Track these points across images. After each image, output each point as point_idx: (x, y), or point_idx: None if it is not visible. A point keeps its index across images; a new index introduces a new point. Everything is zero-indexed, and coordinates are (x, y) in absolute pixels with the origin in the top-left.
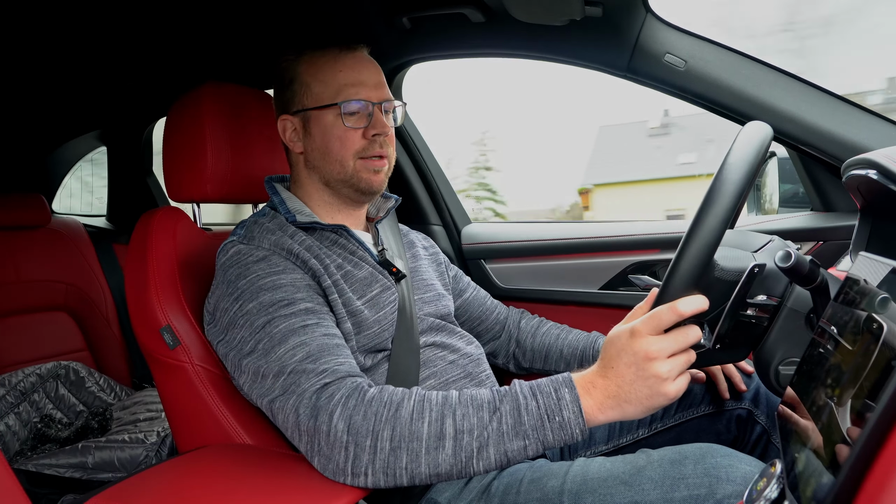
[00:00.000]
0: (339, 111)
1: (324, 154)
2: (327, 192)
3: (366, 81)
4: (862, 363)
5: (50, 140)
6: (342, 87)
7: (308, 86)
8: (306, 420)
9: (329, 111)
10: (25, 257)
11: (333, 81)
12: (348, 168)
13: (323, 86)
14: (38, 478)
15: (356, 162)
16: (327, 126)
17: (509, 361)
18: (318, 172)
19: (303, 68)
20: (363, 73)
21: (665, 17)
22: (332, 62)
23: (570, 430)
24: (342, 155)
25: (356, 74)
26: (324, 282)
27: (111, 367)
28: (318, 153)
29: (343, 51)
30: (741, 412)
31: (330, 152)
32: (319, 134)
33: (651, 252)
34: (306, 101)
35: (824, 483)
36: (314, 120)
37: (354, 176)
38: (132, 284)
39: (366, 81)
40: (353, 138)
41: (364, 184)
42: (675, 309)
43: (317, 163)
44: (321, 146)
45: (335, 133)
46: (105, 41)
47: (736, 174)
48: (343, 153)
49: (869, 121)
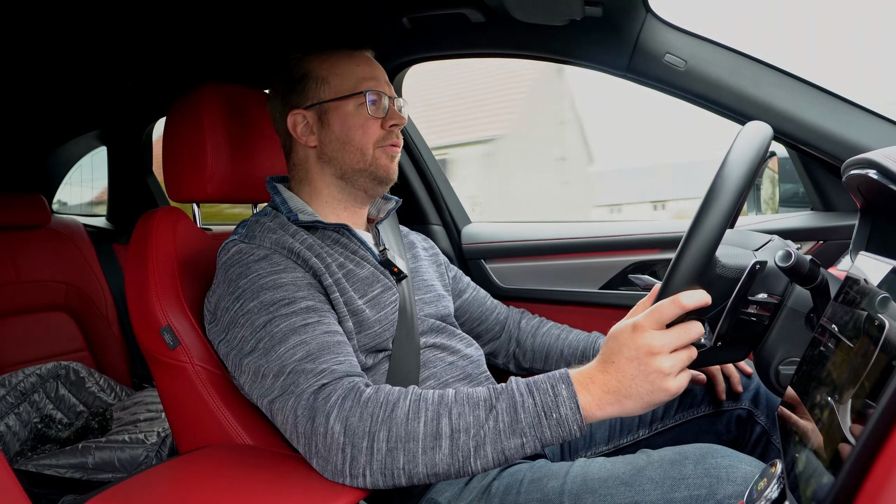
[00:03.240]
0: (361, 100)
1: (344, 143)
2: (339, 185)
3: (379, 77)
4: (862, 363)
5: (50, 140)
6: (361, 79)
7: (325, 79)
8: (304, 422)
9: (350, 101)
10: (25, 257)
11: (352, 74)
12: (368, 156)
13: (341, 78)
14: (39, 478)
15: (376, 150)
16: (348, 115)
17: (509, 361)
18: (334, 165)
19: (315, 64)
20: (376, 70)
21: (665, 17)
22: (347, 58)
23: (567, 427)
24: (363, 143)
25: (371, 70)
26: (325, 280)
27: (111, 367)
28: (337, 143)
29: (354, 49)
30: (741, 412)
31: (351, 141)
32: (339, 124)
33: (651, 252)
34: (323, 95)
35: (825, 483)
36: (333, 111)
37: (374, 164)
38: (132, 284)
39: (379, 77)
40: (374, 127)
41: (382, 171)
42: (678, 302)
43: (334, 154)
44: (341, 136)
45: (356, 122)
46: (105, 41)
47: (737, 171)
48: (364, 141)
49: (869, 121)
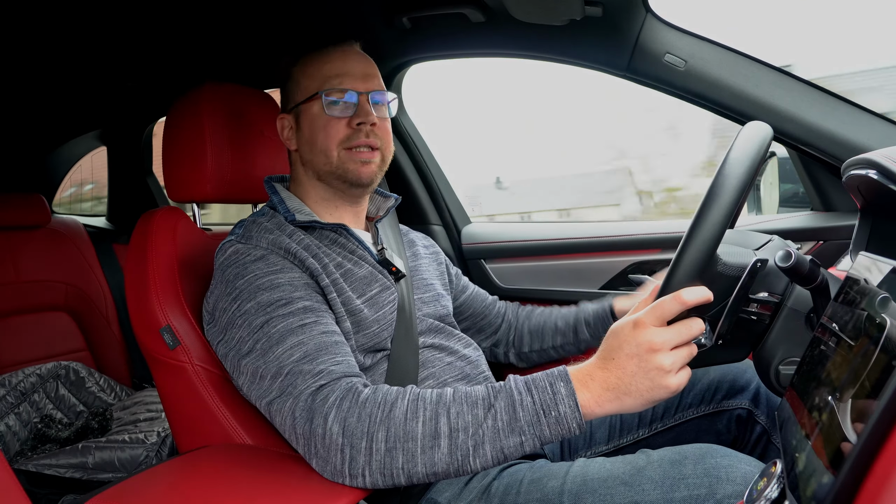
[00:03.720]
0: (322, 101)
1: (311, 146)
2: (321, 186)
3: (351, 72)
4: (862, 363)
5: (50, 140)
6: (326, 78)
7: (298, 81)
8: (302, 423)
9: (314, 102)
10: (25, 257)
11: (318, 74)
12: (332, 159)
13: (310, 79)
14: (39, 478)
15: (341, 152)
16: (313, 117)
17: (509, 349)
18: (310, 167)
19: (295, 67)
20: (349, 64)
21: (665, 17)
22: (319, 57)
23: (566, 425)
24: (326, 145)
25: (341, 65)
26: (322, 281)
27: (111, 367)
28: (308, 146)
29: (333, 46)
30: (741, 412)
31: (315, 143)
32: (307, 126)
33: (651, 252)
34: (296, 97)
35: (825, 483)
36: (303, 114)
37: (340, 167)
38: (132, 284)
39: (351, 72)
40: (336, 127)
41: (352, 175)
42: (680, 298)
43: (307, 156)
44: (309, 138)
45: (319, 123)
46: (105, 41)
47: (737, 170)
48: (327, 143)
49: (869, 121)
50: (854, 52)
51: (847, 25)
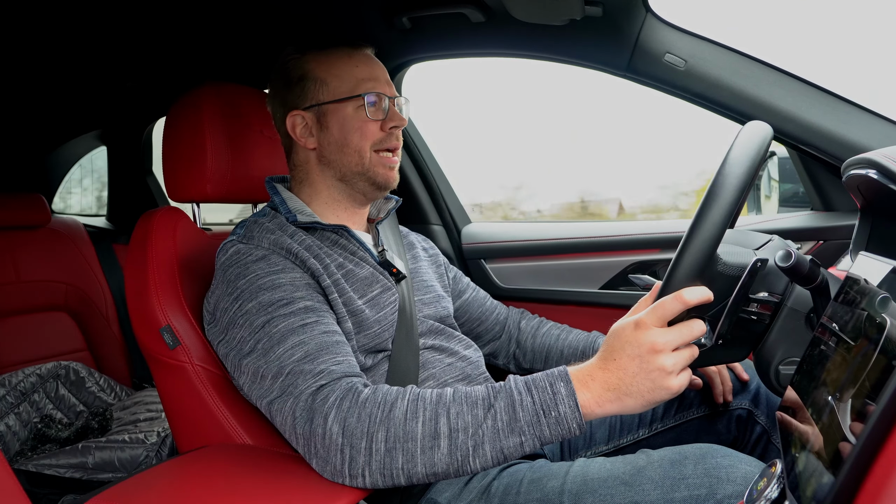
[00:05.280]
0: (359, 103)
1: (341, 146)
2: (339, 188)
3: (379, 77)
4: (862, 363)
5: (50, 140)
6: (360, 80)
7: (323, 81)
8: (302, 423)
9: (349, 104)
10: (25, 257)
11: (350, 76)
12: (366, 160)
13: (340, 80)
14: (38, 478)
15: (373, 155)
16: (346, 118)
17: (510, 362)
18: (334, 167)
19: (313, 65)
20: (376, 69)
21: (665, 17)
22: (346, 58)
23: (566, 425)
24: (361, 146)
25: (370, 70)
26: (323, 281)
27: (111, 367)
28: (335, 146)
29: (354, 48)
30: (741, 412)
31: (349, 143)
32: (337, 127)
33: (651, 252)
34: (321, 96)
35: (825, 483)
36: (331, 114)
37: (371, 169)
38: (132, 284)
39: (379, 77)
40: (372, 129)
41: (381, 178)
42: (681, 297)
43: (333, 156)
44: (339, 138)
45: (354, 124)
46: (105, 41)
47: (737, 169)
48: (362, 144)
49: (869, 121)
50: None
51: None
